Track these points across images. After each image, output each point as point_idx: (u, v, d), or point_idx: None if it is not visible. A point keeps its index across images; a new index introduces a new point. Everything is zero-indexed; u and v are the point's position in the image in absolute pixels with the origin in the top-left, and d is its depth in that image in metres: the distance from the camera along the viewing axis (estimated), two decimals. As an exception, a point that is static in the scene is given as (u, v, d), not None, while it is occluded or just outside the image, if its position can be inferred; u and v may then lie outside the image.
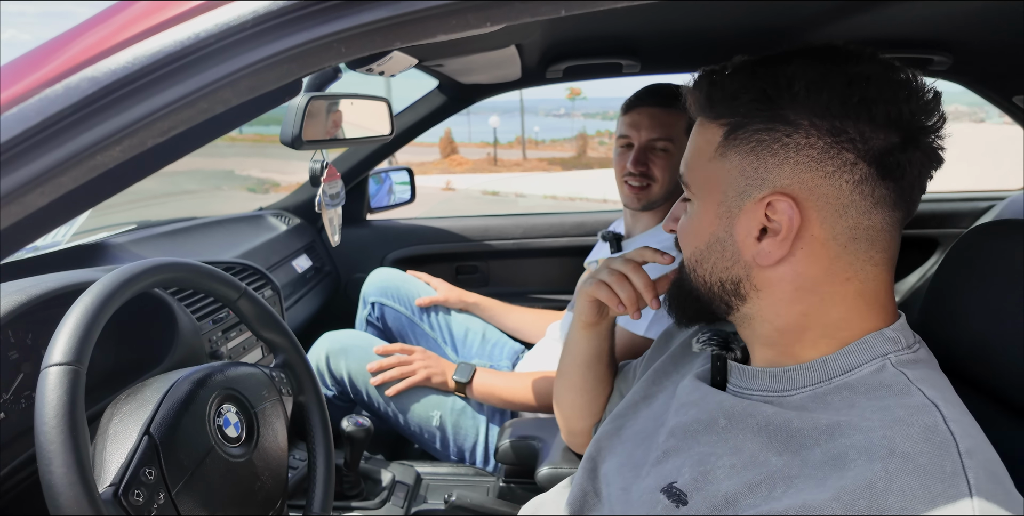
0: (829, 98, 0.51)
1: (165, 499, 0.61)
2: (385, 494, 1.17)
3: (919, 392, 0.50)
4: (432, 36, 0.34)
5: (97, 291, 0.62)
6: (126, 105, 0.32)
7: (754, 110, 0.53)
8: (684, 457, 0.58)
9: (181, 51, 0.31)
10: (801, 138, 0.51)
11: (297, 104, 0.86)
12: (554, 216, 1.89)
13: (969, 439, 0.46)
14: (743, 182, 0.54)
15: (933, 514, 0.42)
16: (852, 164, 0.51)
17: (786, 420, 0.52)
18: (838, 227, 0.52)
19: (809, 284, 0.54)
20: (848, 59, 0.53)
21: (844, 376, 0.53)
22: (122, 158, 0.34)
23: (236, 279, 0.82)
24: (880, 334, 0.54)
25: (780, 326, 0.56)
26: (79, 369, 0.56)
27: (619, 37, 1.33)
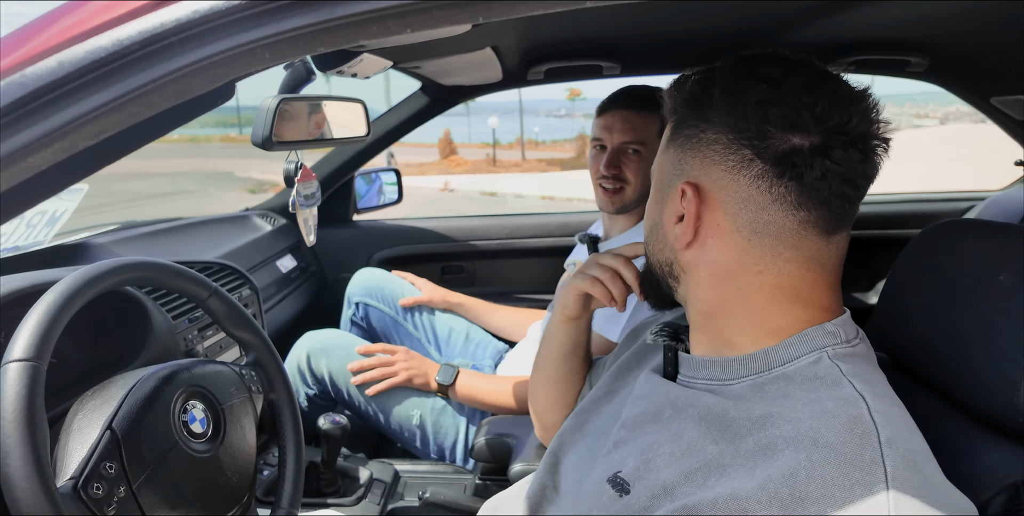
0: (736, 99, 0.54)
1: (126, 493, 0.62)
2: (362, 491, 1.18)
3: (849, 384, 0.51)
4: (355, 41, 0.35)
5: (60, 290, 0.63)
6: (55, 109, 0.33)
7: (688, 110, 0.59)
8: (631, 447, 0.60)
9: (106, 57, 0.33)
10: (711, 134, 0.56)
11: (268, 106, 0.87)
12: (538, 217, 1.91)
13: (891, 429, 0.48)
14: (672, 172, 0.60)
15: (851, 500, 0.44)
16: (750, 160, 0.54)
17: (724, 410, 0.54)
18: (740, 220, 0.55)
19: (723, 272, 0.57)
20: (759, 62, 0.55)
21: (783, 367, 0.55)
22: (55, 160, 0.35)
23: (206, 278, 0.83)
24: (821, 328, 0.56)
25: (704, 310, 0.60)
26: (39, 365, 0.57)
27: (599, 39, 1.34)
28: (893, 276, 0.76)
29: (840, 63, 1.42)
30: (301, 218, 1.03)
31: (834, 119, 0.52)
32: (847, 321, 0.58)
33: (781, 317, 0.56)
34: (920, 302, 0.70)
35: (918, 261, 0.73)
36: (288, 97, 0.90)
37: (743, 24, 1.27)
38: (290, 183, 1.00)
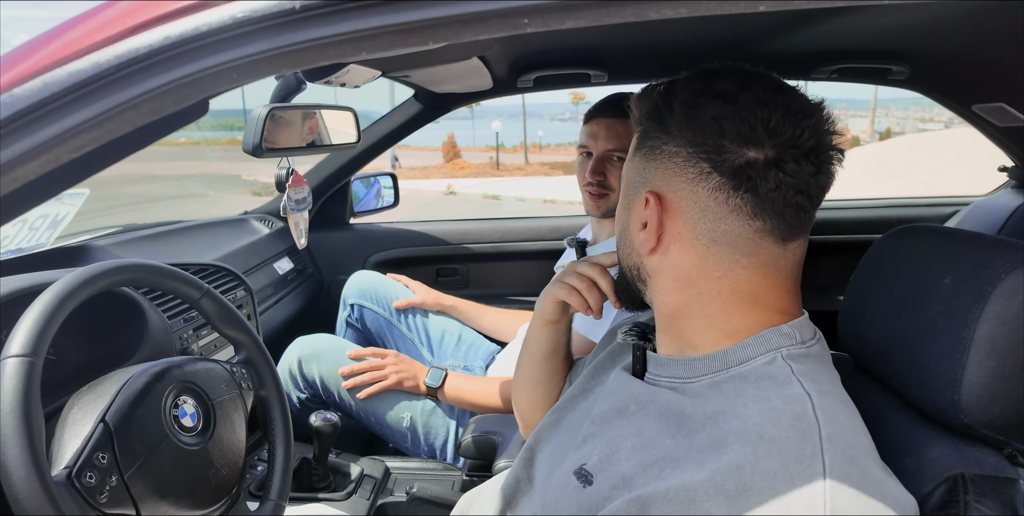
0: (695, 114, 0.57)
1: (117, 482, 0.66)
2: (353, 487, 1.22)
3: (798, 383, 0.54)
4: (315, 62, 0.39)
5: (57, 290, 0.67)
6: (40, 126, 0.37)
7: (648, 121, 0.61)
8: (598, 441, 0.63)
9: (87, 79, 0.37)
10: (672, 147, 0.59)
11: (258, 114, 0.91)
12: (531, 220, 1.94)
13: (832, 426, 0.51)
14: (637, 180, 0.63)
15: (790, 490, 0.47)
16: (707, 173, 0.56)
17: (681, 406, 0.57)
18: (699, 228, 0.58)
19: (685, 277, 0.60)
20: (716, 76, 0.58)
21: (739, 366, 0.58)
22: (42, 171, 0.39)
23: (198, 279, 0.87)
24: (777, 329, 0.58)
25: (667, 313, 0.63)
26: (35, 361, 0.61)
27: (586, 49, 1.38)
28: (855, 280, 0.78)
29: (822, 71, 1.45)
30: (292, 222, 1.06)
31: (787, 133, 0.54)
32: (804, 323, 0.61)
33: (739, 320, 0.59)
34: (877, 305, 0.73)
35: (876, 265, 0.76)
36: (278, 106, 0.94)
37: (726, 33, 1.30)
38: (281, 188, 1.04)
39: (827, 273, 1.74)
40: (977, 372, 0.56)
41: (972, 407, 0.57)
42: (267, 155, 0.93)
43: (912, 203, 1.94)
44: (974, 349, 0.57)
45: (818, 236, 1.88)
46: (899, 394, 0.68)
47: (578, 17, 0.45)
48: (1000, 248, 0.60)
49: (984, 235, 0.65)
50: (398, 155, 22.26)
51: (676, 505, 0.50)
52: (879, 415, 0.69)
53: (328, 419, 1.17)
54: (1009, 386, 0.56)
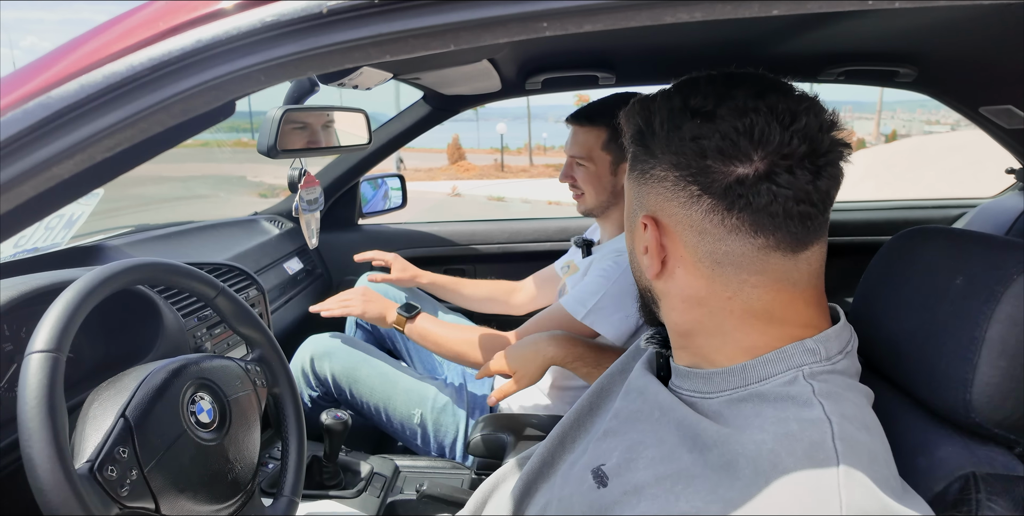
0: (675, 136, 0.54)
1: (137, 476, 0.67)
2: (363, 484, 1.23)
3: (819, 406, 0.51)
4: (340, 65, 0.40)
5: (78, 287, 0.68)
6: (76, 126, 0.38)
7: (638, 148, 0.59)
8: (619, 440, 0.62)
9: (121, 81, 0.38)
10: (660, 171, 0.56)
11: (272, 116, 0.92)
12: (537, 221, 1.95)
13: (852, 457, 0.48)
14: (634, 204, 0.61)
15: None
16: (697, 196, 0.53)
17: (697, 422, 0.56)
18: (700, 251, 0.55)
19: (694, 298, 0.58)
20: (693, 91, 0.55)
21: (759, 384, 0.55)
22: (76, 170, 0.40)
23: (214, 278, 0.88)
24: (801, 344, 0.55)
25: (680, 331, 0.61)
26: (59, 356, 0.62)
27: (594, 51, 1.39)
28: (865, 281, 0.79)
29: (830, 74, 1.45)
30: (304, 222, 1.08)
31: (775, 141, 0.50)
32: (831, 336, 0.56)
33: (757, 337, 0.56)
34: (887, 305, 0.73)
35: (886, 267, 0.76)
36: (292, 108, 0.95)
37: (734, 36, 1.31)
38: (294, 189, 1.05)
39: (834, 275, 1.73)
40: (988, 372, 0.57)
41: (983, 406, 0.57)
42: (281, 156, 0.94)
43: (919, 205, 1.95)
44: (985, 349, 0.57)
45: (825, 238, 1.89)
46: (909, 394, 0.69)
47: (595, 21, 0.46)
48: (1011, 249, 0.61)
49: (994, 236, 0.66)
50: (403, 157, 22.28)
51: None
52: (890, 415, 0.69)
53: (339, 417, 1.18)
54: (1020, 386, 0.57)
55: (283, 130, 0.93)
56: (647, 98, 0.59)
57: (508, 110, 61.13)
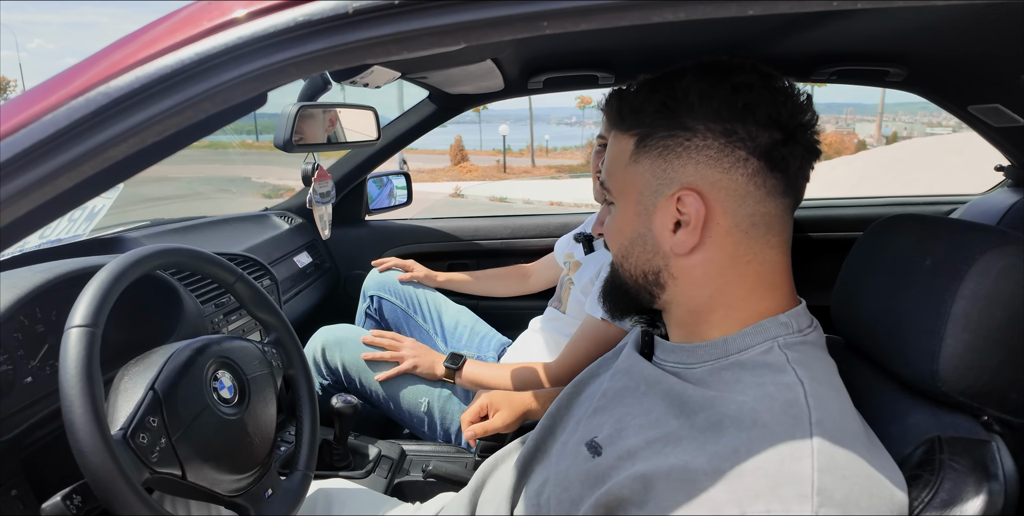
0: (719, 105, 0.59)
1: (166, 443, 0.72)
2: (371, 466, 1.28)
3: (792, 371, 0.57)
4: (363, 60, 0.45)
5: (112, 267, 0.73)
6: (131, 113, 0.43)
7: (658, 120, 0.61)
8: (608, 415, 0.67)
9: (171, 73, 0.43)
10: (699, 141, 0.59)
11: (288, 112, 0.97)
12: (540, 217, 2.00)
13: (822, 412, 0.54)
14: (655, 182, 0.62)
15: (780, 472, 0.51)
16: (744, 160, 0.59)
17: (684, 389, 0.61)
18: (739, 215, 0.60)
19: (716, 269, 0.62)
20: (731, 70, 0.61)
21: (739, 354, 0.61)
22: (128, 152, 0.45)
23: (233, 265, 0.93)
24: (775, 319, 0.61)
25: (692, 308, 0.64)
26: (95, 331, 0.68)
27: (593, 52, 1.44)
28: (845, 268, 0.84)
29: (821, 73, 1.50)
30: (317, 214, 1.13)
31: (792, 110, 0.60)
32: (801, 312, 0.63)
33: (755, 305, 0.62)
34: (865, 289, 0.78)
35: (865, 253, 0.81)
36: (307, 104, 1.00)
37: (728, 37, 1.36)
38: (307, 182, 1.10)
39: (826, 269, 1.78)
40: (953, 344, 0.62)
41: (949, 376, 0.62)
42: (297, 150, 0.99)
43: (911, 201, 1.99)
44: (951, 323, 0.62)
45: (818, 233, 1.94)
46: (885, 369, 0.73)
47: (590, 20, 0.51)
48: (976, 232, 0.66)
49: (962, 221, 0.71)
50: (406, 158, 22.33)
51: (677, 483, 0.53)
52: (868, 389, 0.74)
53: (349, 401, 1.24)
54: (982, 357, 0.61)
55: (298, 125, 0.98)
56: (663, 78, 0.62)
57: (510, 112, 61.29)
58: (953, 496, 0.57)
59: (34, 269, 0.85)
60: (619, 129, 0.65)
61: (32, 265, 0.88)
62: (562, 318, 1.51)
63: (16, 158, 0.44)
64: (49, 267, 0.86)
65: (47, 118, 0.44)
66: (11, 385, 0.83)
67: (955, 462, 0.59)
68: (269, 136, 10.25)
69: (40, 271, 0.84)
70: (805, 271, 0.69)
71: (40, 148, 0.45)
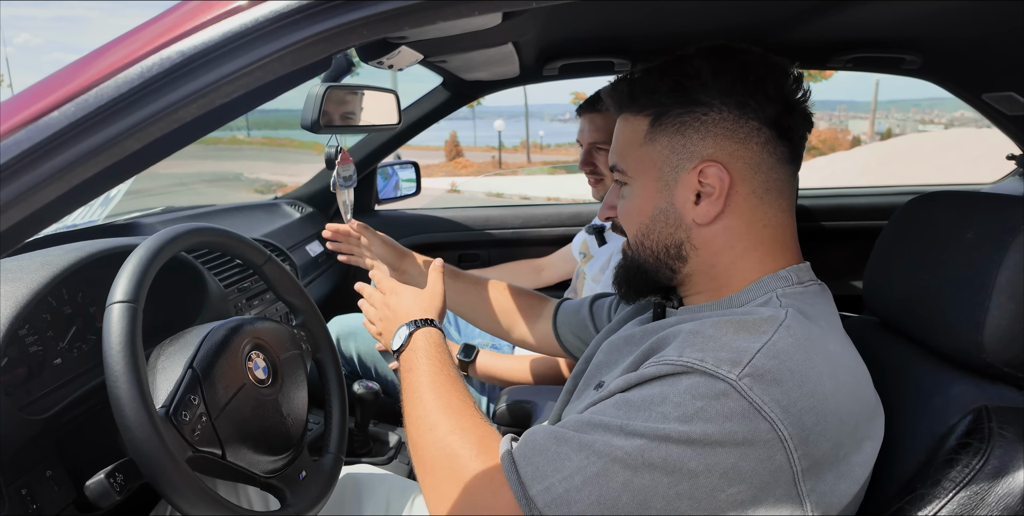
0: (731, 80, 0.63)
1: (207, 421, 0.72)
2: (392, 453, 1.28)
3: (779, 305, 0.61)
4: (432, 22, 0.45)
5: (149, 244, 0.73)
6: (199, 74, 0.43)
7: (673, 98, 0.65)
8: (609, 366, 0.72)
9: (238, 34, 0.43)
10: (715, 114, 0.64)
11: (316, 93, 0.96)
12: (551, 207, 2.00)
13: (798, 324, 0.57)
14: (675, 158, 0.65)
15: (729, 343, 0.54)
16: (758, 129, 0.64)
17: (677, 322, 0.66)
18: (755, 182, 0.64)
19: (736, 234, 0.65)
20: (736, 51, 0.65)
21: (740, 308, 0.64)
22: (197, 113, 0.44)
23: (263, 247, 0.93)
24: (775, 275, 0.65)
25: (714, 275, 0.67)
26: (136, 307, 0.67)
27: (611, 37, 1.44)
28: (878, 246, 0.84)
29: (838, 61, 1.50)
30: (340, 198, 1.12)
31: (795, 87, 0.66)
32: (803, 268, 0.67)
33: (769, 264, 0.66)
34: (901, 265, 0.79)
35: (899, 231, 0.82)
36: (334, 85, 0.99)
37: (745, 23, 1.36)
38: (331, 165, 1.09)
39: (839, 258, 1.80)
40: (998, 314, 0.62)
41: (994, 346, 0.63)
42: (323, 131, 0.98)
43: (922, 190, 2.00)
44: (996, 294, 0.62)
45: (830, 222, 1.95)
46: (924, 344, 0.74)
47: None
48: (1016, 205, 0.66)
49: (999, 195, 0.71)
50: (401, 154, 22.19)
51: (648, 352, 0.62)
52: (906, 364, 0.75)
53: (370, 387, 1.23)
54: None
55: (325, 106, 0.98)
56: (670, 62, 0.66)
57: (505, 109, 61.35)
58: (1004, 463, 0.57)
59: (66, 248, 0.84)
60: (630, 111, 0.69)
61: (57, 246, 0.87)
62: (579, 306, 1.51)
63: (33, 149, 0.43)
64: (81, 246, 0.85)
65: (78, 100, 0.44)
66: (41, 366, 0.82)
67: (1004, 430, 0.60)
68: (260, 132, 10.28)
69: (72, 250, 0.83)
70: (816, 261, 0.71)
71: (56, 138, 0.44)
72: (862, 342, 0.80)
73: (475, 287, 1.12)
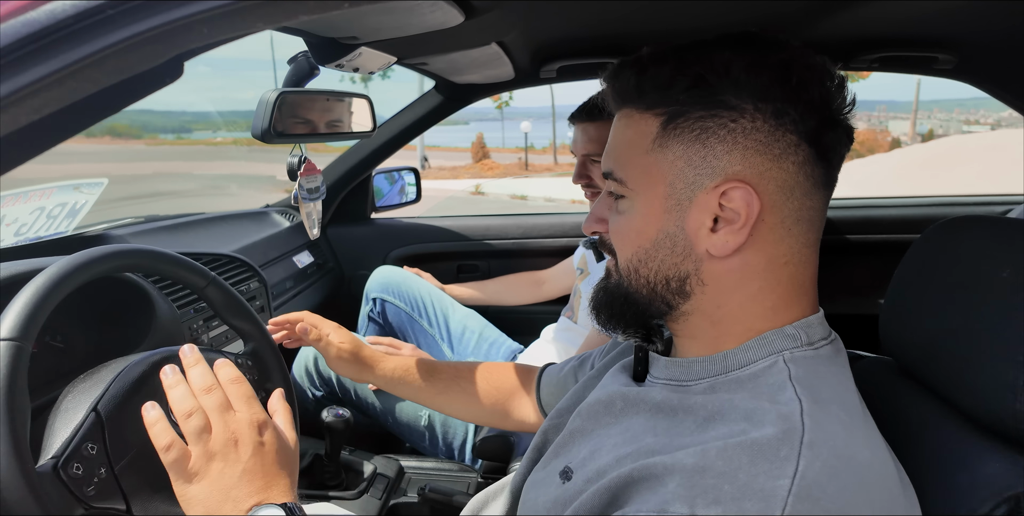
0: (769, 81, 0.50)
1: (107, 474, 0.63)
2: (364, 485, 1.18)
3: (792, 388, 0.49)
4: (295, 16, 0.35)
5: (50, 273, 0.65)
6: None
7: (694, 97, 0.51)
8: (584, 439, 0.60)
9: (40, 32, 0.33)
10: (747, 122, 0.50)
11: (267, 98, 0.88)
12: (553, 217, 1.90)
13: (819, 433, 0.45)
14: (691, 172, 0.52)
15: (750, 486, 0.42)
16: (795, 145, 0.51)
17: (668, 400, 0.54)
18: (785, 210, 0.52)
19: (752, 272, 0.53)
20: (772, 45, 0.52)
21: (739, 370, 0.53)
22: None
23: (203, 267, 0.84)
24: (780, 332, 0.53)
25: (718, 318, 0.55)
26: (23, 345, 0.59)
27: (609, 37, 1.33)
28: (898, 276, 0.72)
29: (862, 60, 1.37)
30: (304, 211, 1.04)
31: (837, 95, 0.53)
32: (815, 322, 0.55)
33: (782, 313, 0.54)
34: (923, 302, 0.66)
35: (923, 260, 0.69)
36: (289, 90, 0.91)
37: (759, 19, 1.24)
38: (293, 177, 1.01)
39: (865, 274, 1.65)
40: (1042, 377, 0.50)
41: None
42: (277, 141, 0.90)
43: (959, 201, 1.84)
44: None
45: (856, 235, 1.80)
46: (948, 401, 0.62)
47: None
48: None
49: (1048, 224, 0.59)
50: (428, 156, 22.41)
51: (638, 482, 0.47)
52: (925, 424, 0.63)
53: (340, 415, 1.14)
54: (1079, 393, 0.50)
55: (279, 113, 0.89)
56: (691, 50, 0.52)
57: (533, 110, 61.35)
58: (1047, 573, 0.45)
59: (-24, 272, 0.77)
60: (636, 107, 0.54)
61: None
62: (574, 328, 1.40)
63: None
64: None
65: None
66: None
67: (1047, 528, 0.48)
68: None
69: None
70: (841, 277, 0.59)
71: None
72: (876, 388, 0.68)
73: (456, 381, 0.96)
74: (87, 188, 1.26)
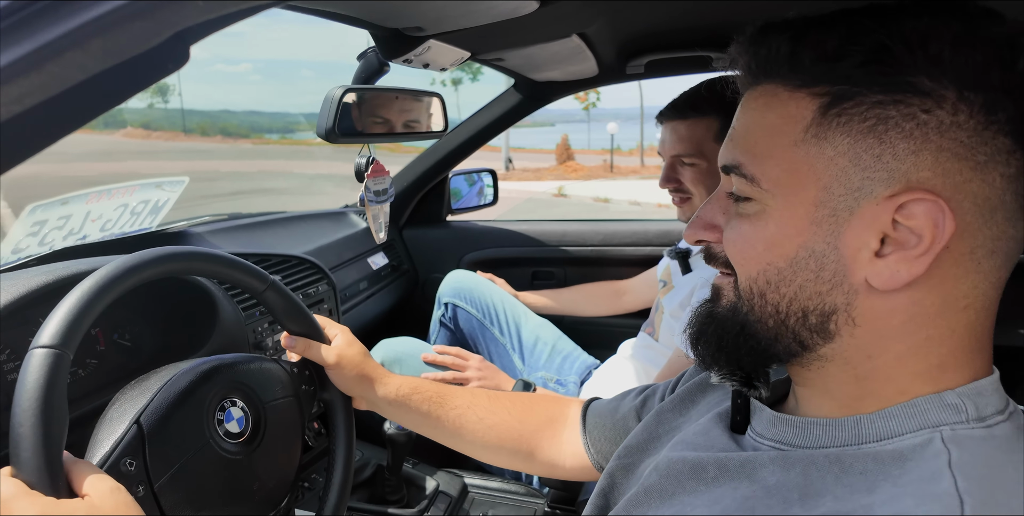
0: (984, 63, 0.37)
1: (145, 491, 0.60)
2: (426, 503, 1.13)
3: (950, 480, 0.36)
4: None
5: (98, 278, 0.62)
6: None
7: (871, 75, 0.39)
8: (662, 503, 0.49)
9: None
10: (946, 116, 0.38)
11: (332, 96, 0.84)
12: (637, 223, 1.78)
13: None
14: (858, 175, 0.40)
15: None
16: (1009, 153, 0.38)
17: (777, 480, 0.42)
18: (981, 237, 0.39)
19: (923, 316, 0.41)
20: (987, 16, 0.39)
21: (877, 444, 0.41)
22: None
23: (263, 271, 0.81)
24: (939, 398, 0.40)
25: (865, 372, 0.42)
26: (63, 353, 0.56)
27: (705, 28, 1.21)
28: None
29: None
30: (370, 214, 0.99)
31: None
32: (988, 387, 0.42)
33: (950, 372, 0.41)
34: None
35: None
36: (354, 88, 0.86)
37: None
38: (360, 178, 0.96)
39: (1008, 295, 1.43)
40: None
41: None
42: (342, 141, 0.85)
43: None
44: None
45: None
46: None
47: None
48: None
49: None
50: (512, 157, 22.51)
51: None
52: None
53: (403, 428, 1.09)
54: None
55: (344, 112, 0.84)
56: (873, 14, 0.40)
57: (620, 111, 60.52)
58: None
59: (39, 271, 0.77)
60: (785, 83, 0.42)
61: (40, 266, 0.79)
62: (654, 346, 1.29)
63: None
64: (53, 268, 0.77)
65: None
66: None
67: None
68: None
69: (42, 273, 0.75)
70: None
71: None
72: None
73: (471, 410, 0.81)
74: (169, 186, 1.28)
